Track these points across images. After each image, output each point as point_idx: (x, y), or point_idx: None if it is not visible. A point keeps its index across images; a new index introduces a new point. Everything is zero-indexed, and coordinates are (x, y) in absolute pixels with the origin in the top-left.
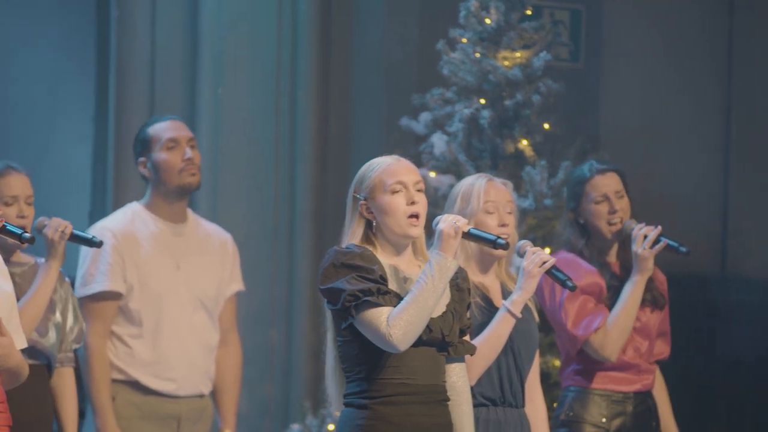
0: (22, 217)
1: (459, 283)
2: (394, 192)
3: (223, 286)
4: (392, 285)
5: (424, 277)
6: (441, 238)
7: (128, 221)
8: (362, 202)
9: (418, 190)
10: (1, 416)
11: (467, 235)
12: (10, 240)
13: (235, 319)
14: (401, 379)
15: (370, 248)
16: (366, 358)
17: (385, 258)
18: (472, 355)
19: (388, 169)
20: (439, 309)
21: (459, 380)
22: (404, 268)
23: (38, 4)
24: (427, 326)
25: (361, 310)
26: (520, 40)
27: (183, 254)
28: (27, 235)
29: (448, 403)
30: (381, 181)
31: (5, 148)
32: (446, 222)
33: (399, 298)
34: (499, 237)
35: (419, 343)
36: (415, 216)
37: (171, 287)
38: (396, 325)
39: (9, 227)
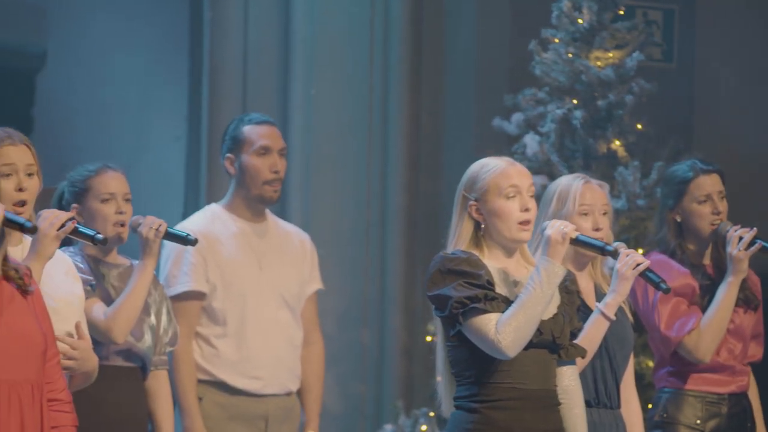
0: (121, 213)
1: (568, 286)
2: (508, 197)
3: (304, 284)
4: (501, 289)
5: (532, 283)
6: (549, 244)
7: (208, 222)
8: (473, 202)
9: (531, 195)
10: (68, 416)
11: (575, 242)
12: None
13: (317, 318)
14: (512, 383)
15: (477, 251)
16: (476, 362)
17: (492, 261)
18: (583, 357)
19: (504, 172)
20: (550, 311)
21: (571, 383)
22: (513, 271)
23: (132, 5)
24: (537, 329)
25: (469, 317)
26: (613, 40)
27: (264, 253)
28: (100, 236)
29: (560, 406)
30: (495, 184)
31: (100, 149)
32: (554, 228)
33: (508, 302)
34: (607, 244)
35: (529, 346)
36: (527, 222)
37: (254, 286)
38: (504, 331)
39: (81, 229)
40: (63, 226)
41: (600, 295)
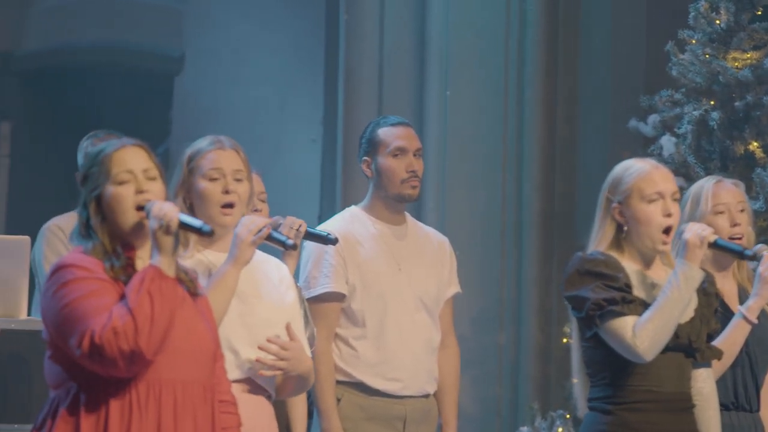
0: (256, 210)
1: (706, 288)
2: (651, 201)
3: (442, 287)
4: (638, 291)
5: (670, 287)
6: (687, 248)
7: (347, 223)
8: (615, 205)
9: (675, 200)
10: (234, 418)
11: (713, 246)
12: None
13: (452, 322)
14: (647, 386)
15: (617, 253)
16: (611, 364)
17: (631, 263)
18: (719, 359)
19: (647, 176)
20: (687, 314)
21: (706, 386)
22: (651, 273)
23: (269, 9)
24: (674, 332)
25: (606, 320)
26: (751, 41)
27: (403, 255)
28: (290, 242)
29: (694, 409)
30: (639, 188)
31: None
32: (692, 232)
33: (645, 305)
34: (746, 248)
35: (666, 349)
36: (669, 229)
37: (393, 287)
38: (641, 335)
39: (275, 234)
40: (259, 231)
41: (744, 298)
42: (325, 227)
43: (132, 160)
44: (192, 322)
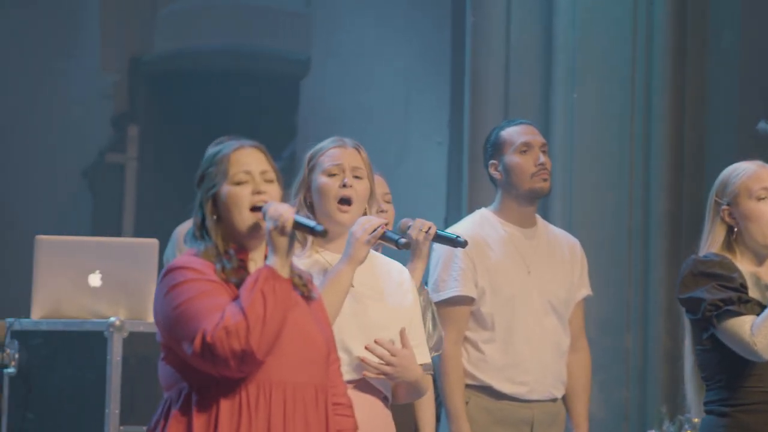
0: (381, 211)
1: None
2: (759, 199)
3: (573, 290)
4: (753, 293)
5: None
6: None
7: (477, 226)
8: (725, 207)
9: None
10: (350, 420)
11: None
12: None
13: (583, 325)
14: (764, 387)
15: (730, 255)
16: (727, 366)
17: (744, 265)
18: None
19: (754, 174)
20: None
21: None
22: (764, 276)
23: (394, 12)
24: None
25: (723, 320)
26: None
27: (533, 258)
28: (403, 240)
29: None
30: (746, 188)
31: None
32: None
33: (760, 306)
34: None
35: None
36: None
37: (523, 291)
38: (760, 333)
39: (389, 234)
40: (374, 231)
41: None
42: (454, 230)
43: (250, 161)
44: (305, 325)
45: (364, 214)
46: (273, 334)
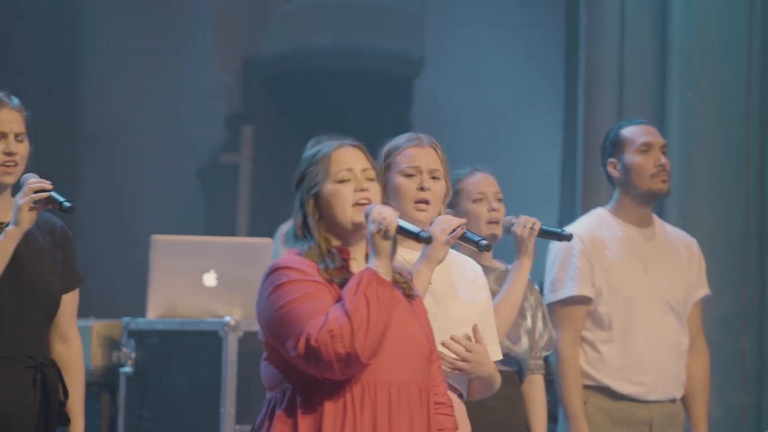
0: (493, 210)
1: None
2: None
3: (691, 289)
4: None
5: None
6: None
7: (594, 226)
8: None
9: None
10: (450, 419)
11: None
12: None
13: (701, 325)
14: None
15: None
16: None
17: None
18: None
19: None
20: None
21: None
22: None
23: (508, 12)
24: None
25: None
26: None
27: (650, 258)
28: (484, 242)
29: None
30: None
31: (477, 153)
32: None
33: None
34: None
35: None
36: None
37: (640, 290)
38: None
39: (468, 234)
40: (453, 231)
41: None
42: (570, 229)
43: (351, 160)
44: (407, 324)
45: (438, 214)
46: (377, 337)
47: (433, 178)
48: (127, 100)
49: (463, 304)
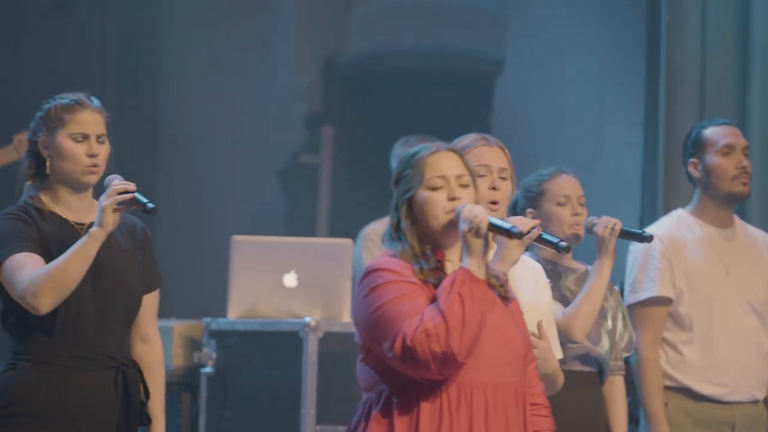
0: (576, 214)
1: None
2: None
3: None
4: None
5: None
6: None
7: (674, 227)
8: None
9: None
10: (547, 421)
11: None
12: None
13: None
14: None
15: None
16: None
17: None
18: None
19: None
20: None
21: None
22: None
23: (588, 11)
24: None
25: None
26: None
27: (731, 259)
28: (563, 244)
29: None
30: None
31: (557, 154)
32: None
33: None
34: None
35: None
36: None
37: (721, 291)
38: None
39: (545, 236)
40: (528, 232)
41: None
42: (650, 230)
43: (446, 166)
44: (503, 326)
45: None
46: (473, 336)
47: (502, 178)
48: (208, 101)
49: (526, 305)
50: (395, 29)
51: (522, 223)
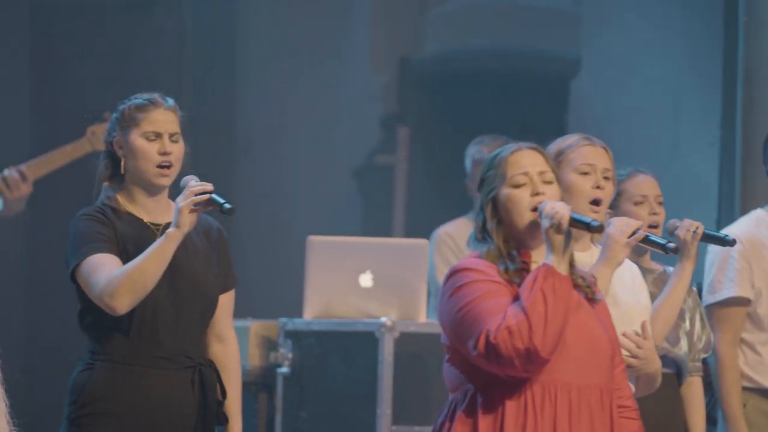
0: (654, 214)
1: None
2: None
3: None
4: None
5: None
6: None
7: (753, 227)
8: None
9: None
10: (635, 423)
11: None
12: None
13: None
14: None
15: None
16: None
17: None
18: None
19: None
20: None
21: None
22: None
23: (666, 11)
24: None
25: None
26: None
27: None
28: (671, 245)
29: None
30: None
31: (632, 153)
32: None
33: None
34: None
35: None
36: None
37: None
38: None
39: (651, 237)
40: (633, 234)
41: None
42: (729, 231)
43: (528, 163)
44: (589, 327)
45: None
46: (556, 331)
47: (605, 178)
48: (283, 101)
49: (626, 304)
50: (470, 29)
51: (626, 223)
